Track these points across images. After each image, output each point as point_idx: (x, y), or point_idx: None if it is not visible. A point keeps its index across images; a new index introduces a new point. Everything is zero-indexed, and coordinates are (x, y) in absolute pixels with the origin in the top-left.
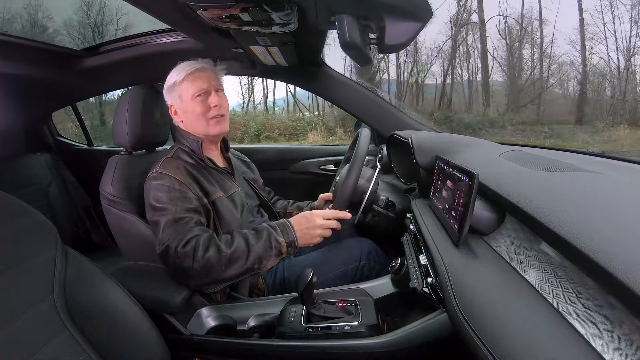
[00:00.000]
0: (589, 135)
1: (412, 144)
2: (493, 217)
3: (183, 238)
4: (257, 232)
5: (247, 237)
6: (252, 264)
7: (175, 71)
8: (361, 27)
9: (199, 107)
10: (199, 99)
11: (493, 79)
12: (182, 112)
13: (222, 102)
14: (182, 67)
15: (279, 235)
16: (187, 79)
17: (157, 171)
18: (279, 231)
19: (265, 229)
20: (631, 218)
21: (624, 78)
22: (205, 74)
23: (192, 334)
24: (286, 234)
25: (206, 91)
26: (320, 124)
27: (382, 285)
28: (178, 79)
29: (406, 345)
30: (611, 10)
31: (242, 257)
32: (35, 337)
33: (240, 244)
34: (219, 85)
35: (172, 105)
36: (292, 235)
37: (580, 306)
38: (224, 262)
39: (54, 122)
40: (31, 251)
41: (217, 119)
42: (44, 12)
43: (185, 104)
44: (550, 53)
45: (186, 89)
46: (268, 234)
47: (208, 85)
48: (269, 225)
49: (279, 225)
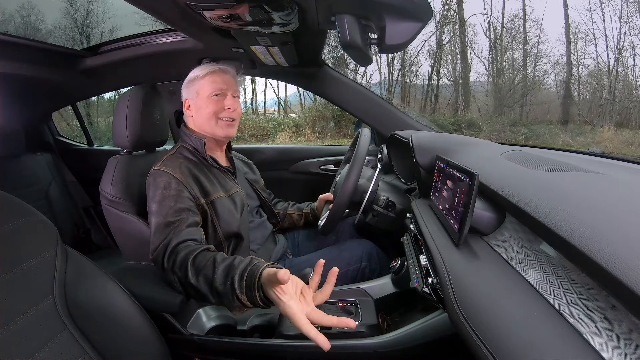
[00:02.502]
0: (570, 137)
1: (412, 144)
2: (493, 217)
3: (169, 246)
4: (227, 274)
5: (215, 274)
6: (219, 301)
7: (199, 68)
8: (361, 27)
9: (212, 106)
10: (215, 99)
11: (475, 79)
12: (196, 107)
13: (236, 106)
14: (206, 65)
15: (241, 293)
16: (209, 77)
17: (156, 168)
18: (243, 284)
19: (231, 276)
20: (631, 218)
21: (613, 77)
22: (227, 77)
23: (192, 334)
24: (249, 292)
25: (224, 93)
26: (290, 124)
27: (382, 285)
28: (200, 74)
29: (406, 345)
30: (601, 8)
31: (207, 292)
32: (35, 337)
33: (206, 278)
34: (236, 91)
35: (187, 99)
36: (256, 298)
37: (581, 306)
38: (193, 289)
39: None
40: (31, 251)
41: (227, 122)
42: (36, 15)
43: (201, 100)
44: (536, 53)
45: (205, 86)
46: (231, 284)
47: (227, 87)
48: (240, 270)
49: (247, 276)
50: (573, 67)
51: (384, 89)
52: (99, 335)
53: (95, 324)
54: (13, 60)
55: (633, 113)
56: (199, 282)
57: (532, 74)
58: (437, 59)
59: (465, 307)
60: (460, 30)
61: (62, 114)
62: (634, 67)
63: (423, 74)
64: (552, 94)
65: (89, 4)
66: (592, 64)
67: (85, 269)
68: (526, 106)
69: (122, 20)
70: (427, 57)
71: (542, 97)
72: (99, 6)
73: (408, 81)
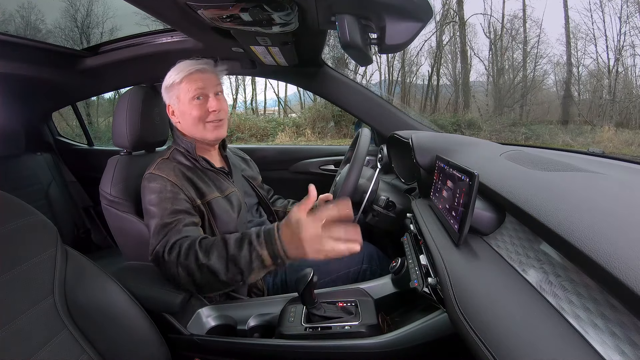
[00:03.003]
0: (570, 137)
1: (412, 144)
2: (493, 217)
3: (168, 242)
4: (241, 239)
5: (228, 245)
6: (234, 274)
7: (174, 71)
8: (361, 27)
9: (196, 111)
10: (197, 103)
11: (475, 79)
12: (180, 113)
13: (221, 106)
14: (181, 67)
15: (262, 248)
16: (186, 80)
17: (150, 172)
18: (262, 240)
19: (248, 237)
20: (631, 218)
21: (613, 77)
22: (205, 75)
23: (192, 334)
24: (270, 246)
25: (205, 94)
26: (290, 124)
27: (382, 285)
28: (177, 79)
29: (406, 345)
30: (601, 8)
31: (221, 268)
32: (35, 337)
33: (219, 253)
34: (218, 88)
35: (170, 105)
36: (278, 249)
37: (581, 306)
38: (204, 271)
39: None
40: (31, 251)
41: (215, 124)
42: (36, 15)
43: (183, 106)
44: (536, 53)
45: (184, 91)
46: (249, 244)
47: (207, 88)
48: (255, 232)
49: (264, 234)
50: (573, 67)
51: (384, 89)
52: (99, 335)
53: (95, 324)
54: (13, 60)
55: (633, 113)
56: (211, 259)
57: (532, 74)
58: (437, 59)
59: (465, 307)
60: (460, 30)
61: (62, 114)
62: (634, 67)
63: (423, 74)
64: (552, 94)
65: (89, 4)
66: (592, 64)
67: (85, 269)
68: (526, 106)
69: (122, 20)
70: (427, 57)
71: (542, 97)
72: (99, 6)
73: (408, 81)
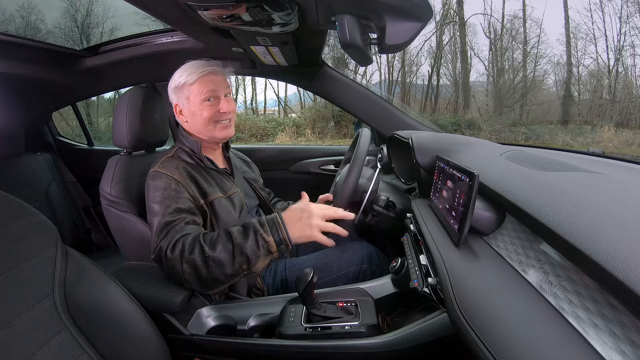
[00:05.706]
0: (570, 137)
1: (412, 144)
2: (493, 217)
3: (172, 240)
4: (245, 229)
5: (232, 236)
6: (240, 264)
7: (185, 71)
8: (361, 27)
9: (207, 112)
10: (208, 104)
11: (475, 79)
12: (189, 113)
13: (231, 107)
14: (193, 68)
15: (267, 234)
16: (199, 82)
17: (155, 170)
18: (267, 228)
19: (252, 226)
20: (631, 218)
21: (613, 77)
22: (217, 77)
23: (192, 334)
24: (275, 232)
25: (216, 96)
26: (290, 124)
27: (382, 285)
28: (189, 80)
29: (406, 345)
30: (601, 8)
31: (228, 258)
32: (35, 337)
33: (225, 244)
34: (227, 89)
35: (178, 105)
36: (282, 233)
37: (581, 306)
38: (210, 264)
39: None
40: (31, 251)
41: (224, 124)
42: (36, 15)
43: (194, 107)
44: (536, 53)
45: (195, 92)
46: (255, 232)
47: (218, 90)
48: (258, 221)
49: (268, 222)
50: (573, 67)
51: (384, 89)
52: (99, 335)
53: (95, 324)
54: (13, 60)
55: (633, 113)
56: (217, 250)
57: (532, 74)
58: (437, 59)
59: (465, 307)
60: (460, 30)
61: (62, 114)
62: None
63: (423, 74)
64: (552, 94)
65: (89, 4)
66: (592, 64)
67: (85, 269)
68: (526, 106)
69: (122, 20)
70: (427, 57)
71: (542, 97)
72: (99, 6)
73: (408, 81)
